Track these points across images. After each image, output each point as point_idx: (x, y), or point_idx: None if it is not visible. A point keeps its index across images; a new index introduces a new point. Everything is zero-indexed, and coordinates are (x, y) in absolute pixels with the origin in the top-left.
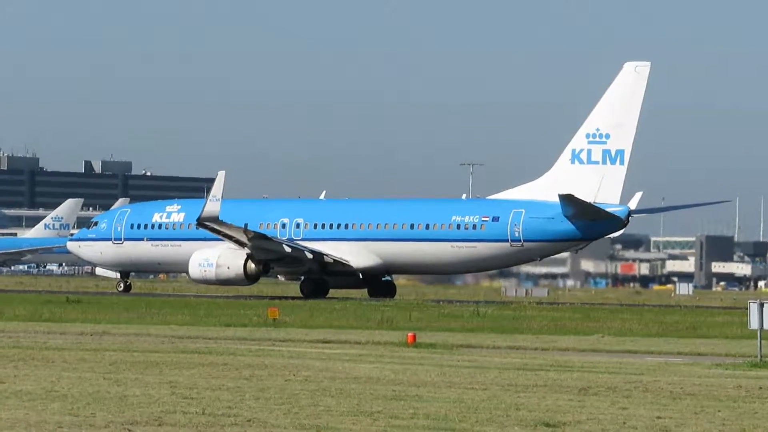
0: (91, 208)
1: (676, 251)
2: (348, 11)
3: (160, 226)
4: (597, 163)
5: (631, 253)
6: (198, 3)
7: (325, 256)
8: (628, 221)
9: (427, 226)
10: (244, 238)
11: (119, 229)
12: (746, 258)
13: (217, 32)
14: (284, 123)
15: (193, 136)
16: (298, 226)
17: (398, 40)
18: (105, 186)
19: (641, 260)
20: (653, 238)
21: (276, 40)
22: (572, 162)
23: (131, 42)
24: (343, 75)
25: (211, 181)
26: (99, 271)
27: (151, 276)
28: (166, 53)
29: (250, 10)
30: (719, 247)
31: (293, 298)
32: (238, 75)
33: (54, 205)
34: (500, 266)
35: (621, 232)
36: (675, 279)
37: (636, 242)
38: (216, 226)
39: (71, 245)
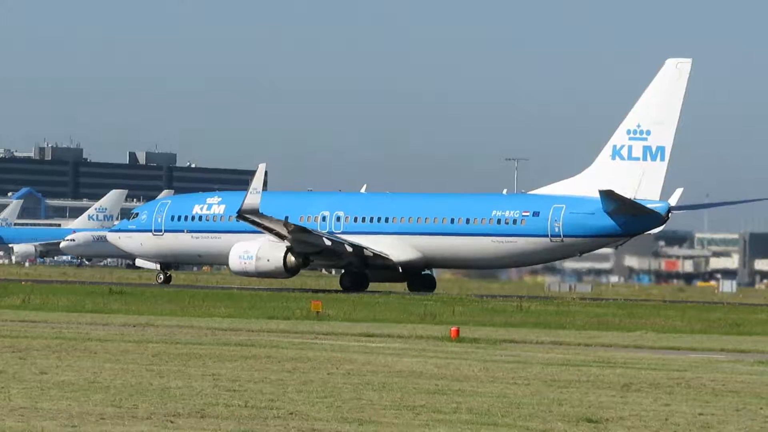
0: (135, 200)
1: (720, 248)
2: (393, 9)
3: (200, 218)
4: (638, 159)
5: (674, 250)
6: None
7: (365, 250)
8: (668, 217)
9: (468, 221)
10: (284, 231)
11: (159, 220)
12: None
13: (260, 27)
14: (327, 116)
15: (238, 128)
16: (338, 219)
17: (444, 38)
18: (149, 177)
19: (685, 257)
20: (697, 235)
21: (320, 36)
22: (613, 158)
23: (174, 36)
24: (388, 70)
25: (254, 173)
26: (139, 262)
27: (195, 268)
28: (209, 46)
29: (295, 5)
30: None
31: (336, 291)
32: (282, 68)
33: (98, 196)
34: (540, 261)
35: (661, 228)
36: (718, 276)
37: (680, 239)
38: (256, 219)
39: (111, 236)
